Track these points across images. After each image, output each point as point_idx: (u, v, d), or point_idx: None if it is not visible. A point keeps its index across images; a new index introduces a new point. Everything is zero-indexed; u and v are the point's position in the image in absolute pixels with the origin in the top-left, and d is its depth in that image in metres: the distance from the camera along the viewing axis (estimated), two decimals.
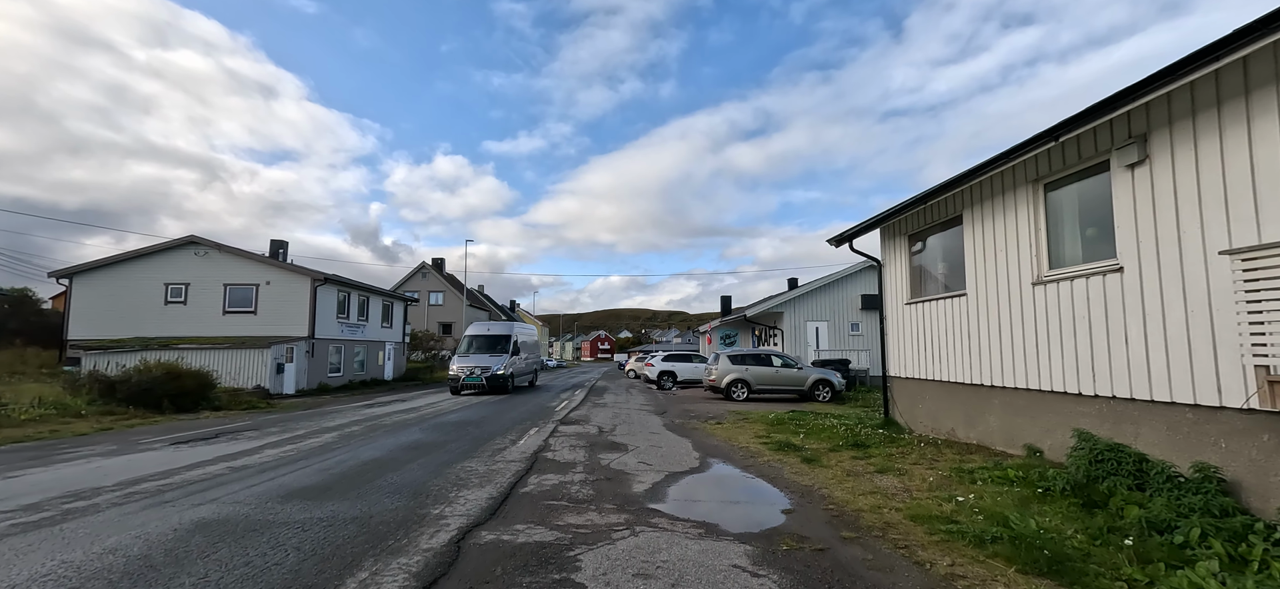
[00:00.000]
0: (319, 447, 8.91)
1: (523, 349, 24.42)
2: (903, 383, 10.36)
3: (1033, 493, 5.37)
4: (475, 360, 21.45)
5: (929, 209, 9.35)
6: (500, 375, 21.02)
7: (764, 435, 9.97)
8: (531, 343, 27.10)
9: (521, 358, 23.94)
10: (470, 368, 20.96)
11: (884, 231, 10.97)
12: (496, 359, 21.48)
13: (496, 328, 24.65)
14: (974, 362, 8.21)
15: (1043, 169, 6.87)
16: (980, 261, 8.07)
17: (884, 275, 11.01)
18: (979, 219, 8.11)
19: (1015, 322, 7.35)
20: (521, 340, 24.43)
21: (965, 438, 8.46)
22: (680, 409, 15.48)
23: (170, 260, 25.79)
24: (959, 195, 8.52)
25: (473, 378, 20.76)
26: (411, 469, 6.99)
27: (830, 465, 7.30)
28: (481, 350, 22.46)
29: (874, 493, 5.86)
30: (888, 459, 7.54)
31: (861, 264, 26.59)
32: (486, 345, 22.81)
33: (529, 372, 26.12)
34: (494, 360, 21.39)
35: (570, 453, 8.33)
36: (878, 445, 8.53)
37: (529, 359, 26.03)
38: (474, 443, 9.16)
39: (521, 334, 25.02)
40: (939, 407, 9.20)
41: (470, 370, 20.89)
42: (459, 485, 6.10)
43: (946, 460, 7.31)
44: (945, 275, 9.28)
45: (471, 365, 21.08)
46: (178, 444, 9.38)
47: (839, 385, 19.04)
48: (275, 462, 7.60)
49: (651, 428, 11.35)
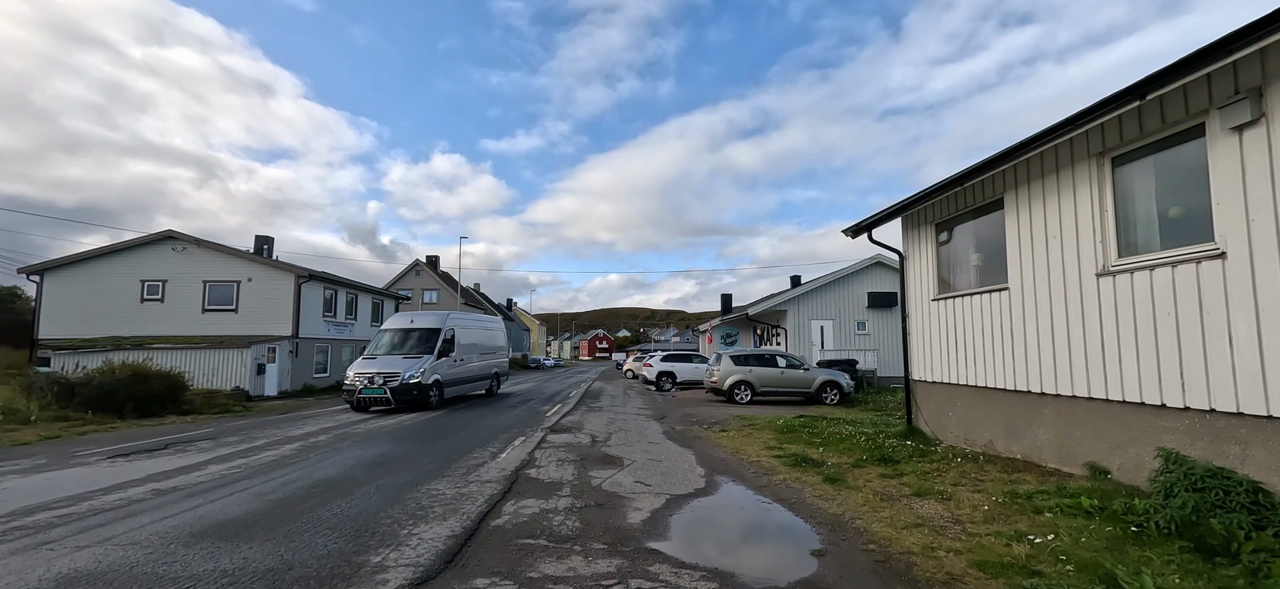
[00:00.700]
0: (273, 461, 7.86)
1: (466, 349, 18.25)
2: (929, 387, 9.34)
3: (1123, 531, 4.34)
4: (380, 365, 15.47)
5: (961, 193, 8.32)
6: (410, 385, 14.94)
7: (775, 446, 8.94)
8: (485, 342, 20.24)
9: (459, 361, 17.58)
10: (371, 375, 15.09)
11: (907, 220, 9.94)
12: (411, 363, 15.54)
13: (424, 319, 17.82)
14: (1018, 365, 7.18)
15: (1112, 139, 5.83)
16: (1026, 250, 7.04)
17: (906, 268, 9.98)
18: (1025, 202, 7.08)
19: (1073, 319, 6.32)
20: (464, 337, 18.33)
21: (1007, 452, 7.43)
22: (680, 413, 14.45)
23: (147, 256, 24.68)
24: (1000, 176, 7.49)
25: (371, 389, 14.89)
26: (366, 493, 5.94)
27: (858, 486, 6.27)
28: (394, 350, 16.56)
29: (919, 525, 4.83)
30: (923, 478, 6.51)
31: (868, 260, 25.60)
32: (401, 343, 16.84)
33: (480, 377, 19.43)
34: (406, 365, 15.42)
35: (557, 469, 7.29)
36: (907, 460, 7.51)
37: (483, 363, 19.62)
38: (448, 457, 8.11)
39: (464, 328, 18.73)
40: (973, 415, 8.17)
41: (370, 378, 15.04)
42: (416, 517, 5.05)
43: (993, 481, 6.28)
44: (981, 267, 8.25)
45: (373, 371, 15.15)
46: (116, 458, 8.32)
47: (847, 387, 18.02)
48: (213, 482, 6.55)
49: (650, 436, 10.32)
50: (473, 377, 18.77)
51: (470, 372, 18.53)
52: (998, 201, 7.65)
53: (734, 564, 4.05)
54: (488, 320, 22.16)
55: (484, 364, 19.71)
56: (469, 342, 18.53)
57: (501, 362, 21.53)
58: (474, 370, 18.84)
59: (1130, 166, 5.78)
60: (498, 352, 21.27)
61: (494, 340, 21.14)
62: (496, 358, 20.93)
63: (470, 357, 18.48)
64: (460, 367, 17.67)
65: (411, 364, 15.53)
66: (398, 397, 14.87)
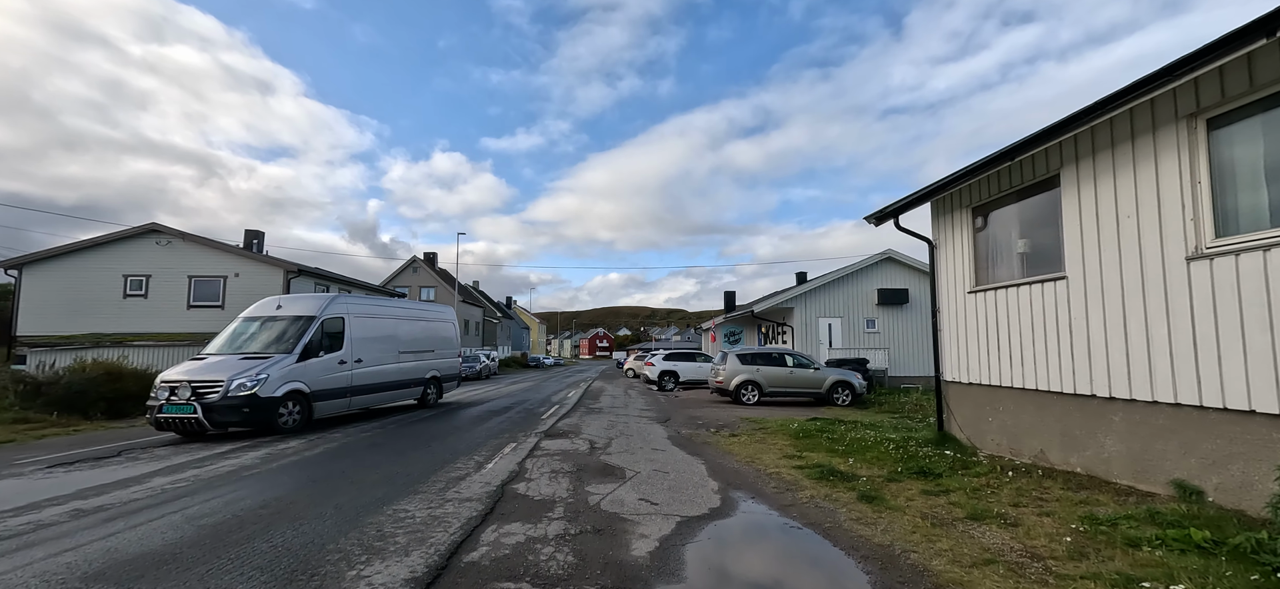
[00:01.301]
0: (228, 473, 6.95)
1: (373, 346, 13.05)
2: (964, 390, 8.42)
3: (1267, 579, 3.42)
4: (201, 368, 10.22)
5: (1005, 172, 7.40)
6: (237, 400, 9.69)
7: (794, 455, 8.03)
8: (419, 336, 15.16)
9: (355, 362, 12.35)
10: (178, 383, 9.89)
11: (937, 205, 9.01)
12: (248, 366, 10.16)
13: (296, 304, 12.31)
14: (1078, 365, 6.26)
15: (1209, 96, 4.91)
16: (1090, 234, 6.12)
17: (937, 258, 9.05)
18: (1088, 177, 6.15)
19: (1152, 311, 5.40)
20: (369, 329, 13.04)
21: (1064, 464, 6.52)
22: (685, 416, 13.54)
23: (130, 250, 23.77)
24: (1055, 149, 6.56)
25: (175, 405, 9.71)
26: (320, 515, 5.03)
27: (900, 506, 5.36)
28: (244, 346, 11.27)
29: (990, 561, 3.92)
30: (975, 496, 5.59)
31: (878, 256, 24.69)
32: (256, 337, 11.46)
33: (402, 383, 14.20)
34: (239, 369, 10.04)
35: (550, 483, 6.37)
36: (949, 472, 6.59)
37: (411, 364, 14.53)
38: (428, 467, 7.19)
39: (372, 317, 13.44)
40: (1020, 421, 7.25)
41: (174, 388, 9.87)
42: (372, 551, 4.14)
43: (1059, 500, 5.37)
44: (1029, 254, 7.33)
45: (181, 378, 9.93)
46: (56, 467, 7.41)
47: (860, 388, 17.12)
48: (147, 500, 5.64)
49: (654, 442, 9.41)
50: (386, 383, 13.57)
51: (380, 376, 13.30)
52: (1052, 179, 6.73)
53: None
54: (423, 309, 17.31)
55: (413, 366, 14.70)
56: (380, 335, 13.49)
57: (445, 362, 16.40)
58: (388, 374, 13.64)
59: (1232, 129, 4.86)
60: (440, 350, 16.19)
61: (434, 334, 16.05)
62: (437, 358, 15.90)
63: (384, 356, 13.51)
64: (355, 370, 12.39)
65: (248, 368, 10.12)
66: (215, 415, 9.56)
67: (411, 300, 21.91)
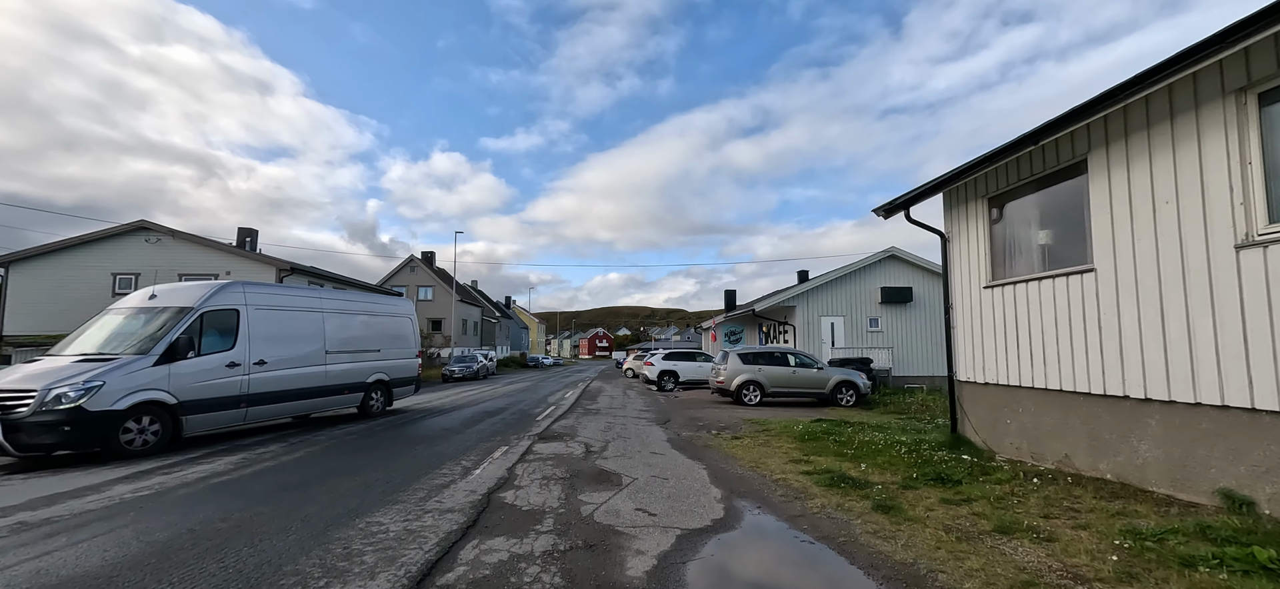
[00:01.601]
0: (197, 480, 6.51)
1: (283, 344, 10.61)
2: (979, 390, 7.98)
3: None
4: (22, 376, 7.95)
5: (1025, 159, 6.97)
6: (57, 418, 7.44)
7: (801, 459, 7.59)
8: (357, 335, 12.46)
9: (256, 365, 9.96)
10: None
11: (950, 196, 8.58)
12: (78, 373, 7.85)
13: (173, 294, 9.85)
14: (1108, 363, 5.82)
15: (1262, 67, 4.47)
16: (1121, 222, 5.68)
17: (950, 252, 8.62)
18: (1119, 162, 5.72)
19: (1195, 304, 4.96)
20: (275, 326, 10.55)
21: (1092, 470, 6.07)
22: (685, 417, 13.10)
23: (119, 248, 23.35)
24: (1082, 133, 6.13)
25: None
26: (286, 529, 4.59)
27: (919, 516, 4.92)
28: (86, 349, 8.84)
29: (1030, 585, 3.48)
30: (999, 506, 5.16)
31: (881, 254, 24.27)
32: (116, 334, 9.14)
33: (332, 388, 11.67)
34: (68, 376, 7.79)
35: (540, 491, 5.93)
36: (968, 478, 6.15)
37: (344, 366, 11.92)
38: (412, 472, 6.76)
39: (280, 309, 10.78)
40: (1042, 424, 6.81)
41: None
42: (334, 573, 3.69)
43: (1092, 511, 4.93)
44: (1051, 246, 6.89)
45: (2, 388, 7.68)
46: (15, 474, 6.97)
47: (864, 388, 16.71)
48: (98, 513, 5.20)
49: (653, 445, 8.97)
50: (304, 389, 10.93)
51: (295, 381, 10.70)
52: (1077, 164, 6.29)
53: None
54: (368, 301, 13.63)
55: (348, 368, 12.03)
56: (297, 333, 10.97)
57: (396, 363, 13.57)
58: (309, 379, 11.04)
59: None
60: (390, 349, 13.38)
61: (382, 332, 13.22)
62: (383, 359, 13.09)
63: (303, 357, 10.98)
64: (255, 375, 9.86)
65: (77, 373, 7.83)
66: (22, 437, 7.32)
67: (354, 291, 19.08)
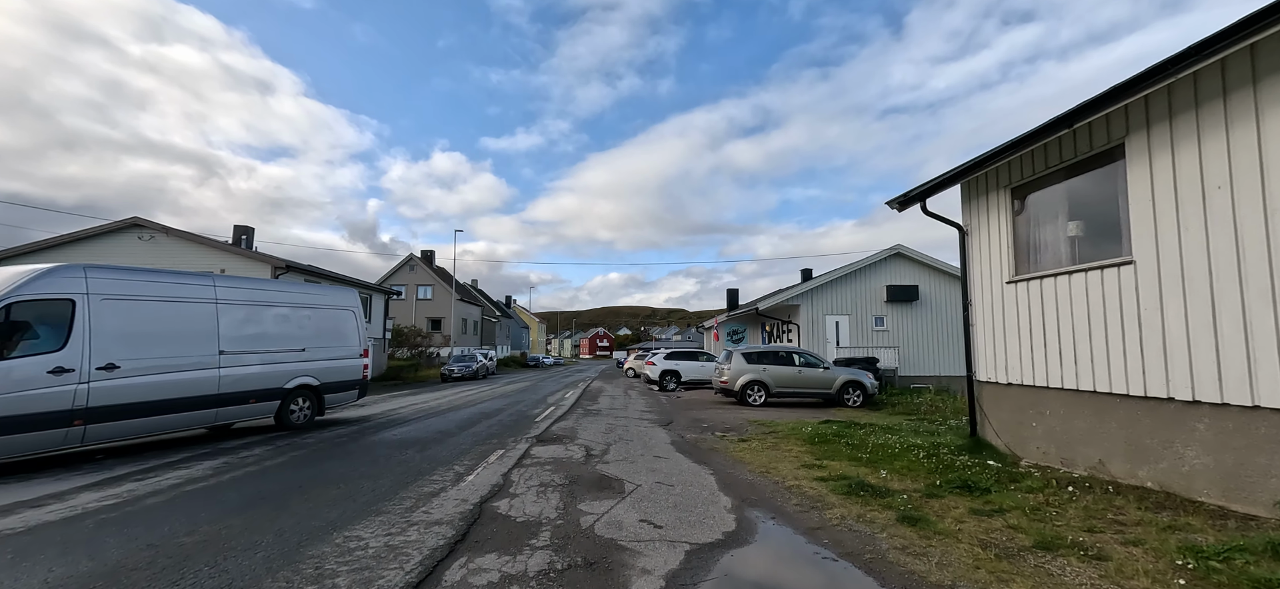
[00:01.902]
0: (169, 488, 6.09)
1: (130, 340, 8.25)
2: (1001, 390, 7.56)
3: None
4: None
5: (1053, 146, 6.55)
6: None
7: (814, 464, 7.16)
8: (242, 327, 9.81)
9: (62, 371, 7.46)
10: None
11: (969, 187, 8.16)
12: None
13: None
14: (1150, 362, 5.40)
15: None
16: (1166, 209, 5.26)
17: (969, 245, 8.19)
18: (1163, 144, 5.29)
19: (1253, 298, 4.54)
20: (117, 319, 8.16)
21: (1130, 478, 5.64)
22: (689, 418, 12.68)
23: (111, 246, 22.90)
24: (1119, 115, 5.70)
25: None
26: (258, 545, 4.17)
27: (949, 530, 4.50)
28: None
29: None
30: (1036, 517, 4.73)
31: (887, 252, 23.84)
32: None
33: (220, 396, 9.30)
34: None
35: (537, 500, 5.51)
36: (996, 486, 5.72)
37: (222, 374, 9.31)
38: (400, 479, 6.33)
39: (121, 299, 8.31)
40: (1072, 427, 6.39)
41: None
42: None
43: (1140, 524, 4.50)
44: (1082, 238, 6.47)
45: None
46: None
47: (872, 388, 16.27)
48: (54, 525, 4.79)
49: (656, 448, 8.55)
50: (180, 398, 8.71)
51: (164, 391, 8.52)
52: (1113, 149, 5.87)
53: None
54: (288, 291, 11.29)
55: (256, 372, 9.71)
56: (173, 331, 8.82)
57: (329, 364, 11.02)
58: (189, 385, 8.82)
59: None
60: (318, 347, 10.89)
61: (309, 328, 10.82)
62: (309, 360, 10.64)
63: (181, 358, 8.78)
64: (99, 384, 7.78)
65: None
66: None
67: (264, 279, 16.21)
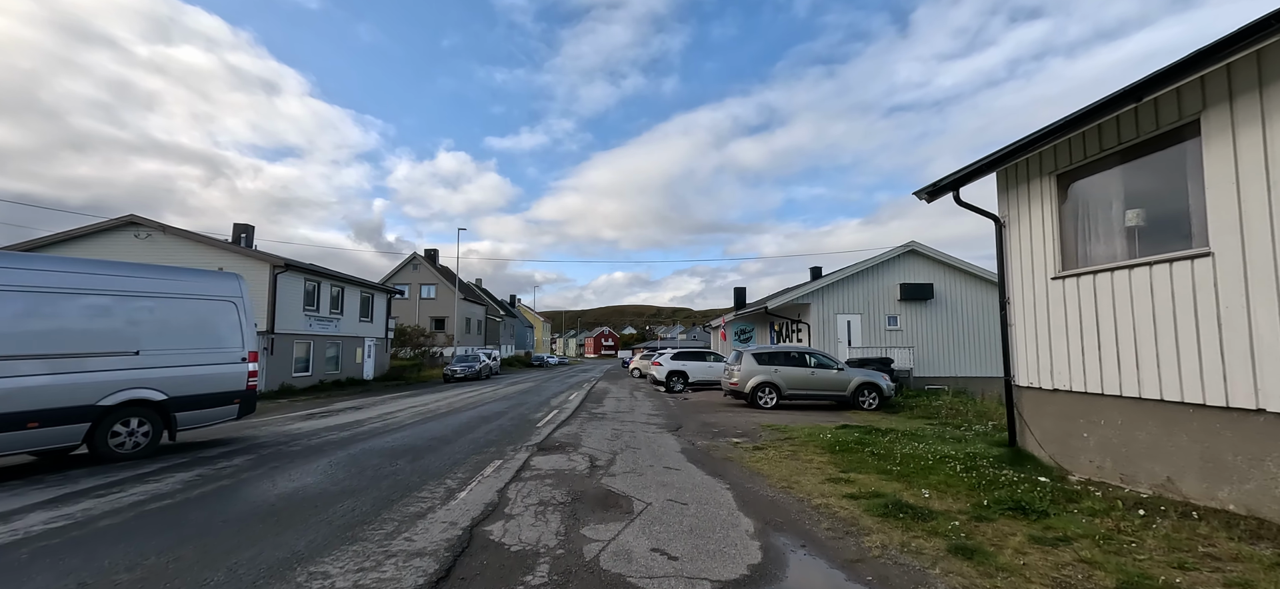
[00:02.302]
0: (130, 505, 5.52)
1: None
2: (1045, 397, 6.90)
3: None
4: None
5: (1107, 127, 5.88)
6: None
7: (839, 477, 6.52)
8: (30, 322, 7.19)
9: None
10: None
11: (1006, 175, 7.50)
12: None
13: None
14: (1233, 368, 4.74)
15: None
16: (1254, 193, 4.59)
17: (1007, 238, 7.54)
18: (1250, 119, 4.62)
19: None
20: None
21: (1207, 499, 4.98)
22: (699, 422, 12.06)
23: (107, 245, 22.50)
24: (1192, 89, 5.03)
25: None
26: (205, 584, 3.59)
27: (1012, 564, 3.86)
28: None
29: None
30: (1109, 548, 4.08)
31: (901, 249, 23.12)
32: None
33: None
34: None
35: (535, 523, 4.90)
36: (1052, 508, 5.06)
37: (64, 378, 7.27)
38: (385, 496, 5.74)
39: None
40: (1133, 440, 5.72)
41: None
42: None
43: (1238, 559, 3.85)
44: (1143, 228, 5.80)
45: None
46: None
47: (888, 390, 15.60)
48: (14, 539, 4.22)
49: (666, 458, 7.93)
50: None
51: None
52: (1184, 127, 5.20)
53: None
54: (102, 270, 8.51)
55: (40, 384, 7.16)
56: None
57: (186, 373, 8.67)
58: None
59: None
60: (167, 350, 8.52)
61: (145, 323, 8.40)
62: (148, 366, 8.24)
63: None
64: None
65: None
66: None
67: (73, 259, 12.24)
